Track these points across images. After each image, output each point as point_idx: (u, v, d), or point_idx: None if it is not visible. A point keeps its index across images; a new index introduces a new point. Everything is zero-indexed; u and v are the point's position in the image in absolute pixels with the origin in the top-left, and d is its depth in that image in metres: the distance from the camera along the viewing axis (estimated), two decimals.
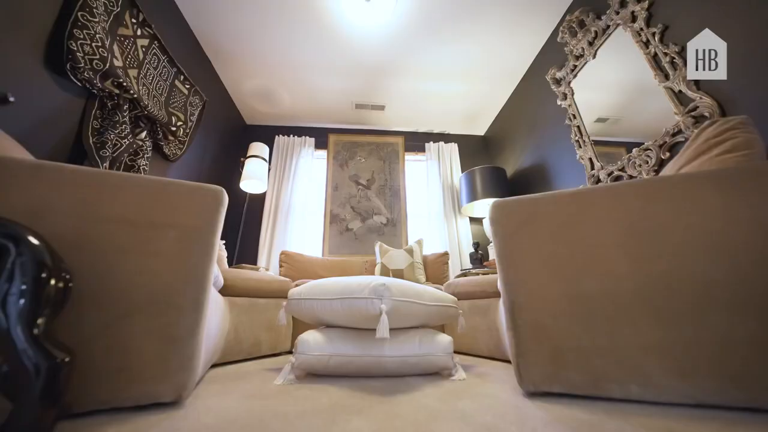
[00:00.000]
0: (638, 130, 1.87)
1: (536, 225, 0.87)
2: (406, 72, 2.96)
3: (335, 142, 3.60)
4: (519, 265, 0.86)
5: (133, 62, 1.84)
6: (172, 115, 2.19)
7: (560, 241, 0.84)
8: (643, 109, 1.82)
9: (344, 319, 1.04)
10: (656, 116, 1.71)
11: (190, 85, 2.43)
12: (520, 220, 0.89)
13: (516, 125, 3.15)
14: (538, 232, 0.87)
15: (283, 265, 2.51)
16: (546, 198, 0.89)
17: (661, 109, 1.66)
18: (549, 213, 0.87)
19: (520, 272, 0.85)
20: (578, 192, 0.87)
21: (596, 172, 2.04)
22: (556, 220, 0.86)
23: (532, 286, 0.83)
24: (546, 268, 0.83)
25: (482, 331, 1.51)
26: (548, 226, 0.86)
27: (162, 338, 0.69)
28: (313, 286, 1.18)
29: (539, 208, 0.89)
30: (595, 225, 0.82)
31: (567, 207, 0.86)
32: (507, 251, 0.88)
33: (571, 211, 0.85)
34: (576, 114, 2.23)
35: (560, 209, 0.87)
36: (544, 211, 0.88)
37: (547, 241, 0.85)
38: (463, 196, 3.12)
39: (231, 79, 3.01)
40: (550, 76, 2.46)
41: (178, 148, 2.36)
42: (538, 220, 0.87)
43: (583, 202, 0.85)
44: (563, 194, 0.88)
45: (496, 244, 0.90)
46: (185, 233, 0.78)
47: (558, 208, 0.87)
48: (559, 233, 0.85)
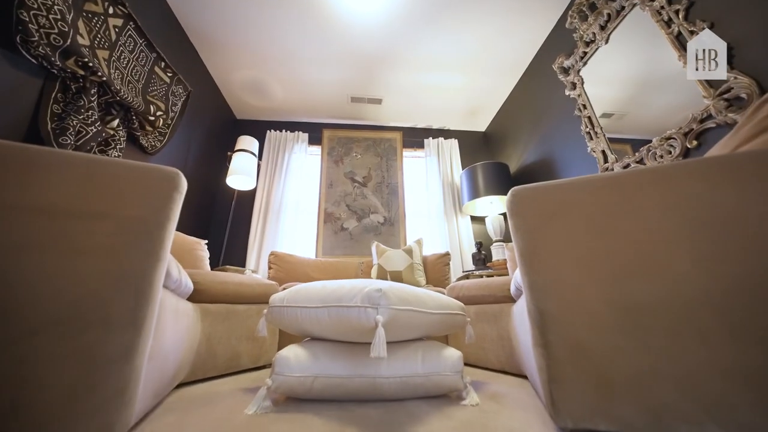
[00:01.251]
0: (643, 127, 1.76)
1: (567, 216, 0.71)
2: (404, 63, 2.81)
3: (330, 138, 3.43)
4: (548, 265, 0.69)
5: (102, 42, 1.66)
6: (150, 104, 2.01)
7: (599, 236, 0.67)
8: (652, 103, 1.70)
9: (332, 331, 0.87)
10: (665, 110, 1.61)
11: (172, 73, 2.25)
12: (548, 210, 0.73)
13: (519, 119, 3.00)
14: (571, 224, 0.70)
15: (273, 266, 2.33)
16: (578, 183, 0.73)
17: (670, 102, 1.55)
18: (583, 202, 0.71)
19: (550, 274, 0.69)
20: (618, 176, 0.71)
21: (610, 165, 1.88)
22: (591, 210, 0.70)
23: (566, 292, 0.66)
24: (582, 269, 0.67)
25: (492, 340, 1.34)
26: (582, 217, 0.70)
27: (83, 363, 0.52)
28: (296, 292, 1.00)
29: (570, 196, 0.72)
30: (642, 215, 0.66)
31: (605, 194, 0.70)
32: (532, 249, 0.71)
33: (610, 199, 0.69)
34: (586, 104, 2.08)
35: (597, 197, 0.70)
36: (576, 199, 0.71)
37: (582, 236, 0.69)
38: (464, 193, 2.96)
39: (219, 69, 2.84)
40: (557, 65, 2.32)
41: (158, 140, 2.18)
42: (570, 211, 0.71)
43: (625, 188, 0.69)
44: (599, 179, 0.72)
45: (518, 241, 0.74)
46: (123, 226, 0.60)
47: (594, 195, 0.71)
48: (596, 226, 0.68)
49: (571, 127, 2.26)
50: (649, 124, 1.72)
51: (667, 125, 1.58)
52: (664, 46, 1.55)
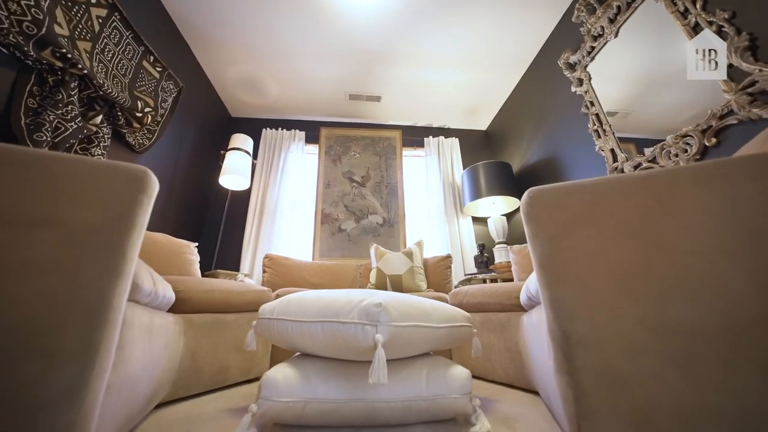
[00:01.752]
0: (648, 126, 1.71)
1: (596, 222, 0.62)
2: (403, 59, 2.71)
3: (327, 136, 3.33)
4: (573, 279, 0.60)
5: (84, 33, 1.56)
6: (137, 100, 1.91)
7: (634, 245, 0.58)
8: (659, 101, 1.64)
9: (326, 349, 0.78)
10: (673, 108, 1.56)
11: (162, 68, 2.15)
12: (572, 215, 0.64)
13: (522, 117, 2.91)
14: (600, 231, 0.61)
15: (267, 270, 2.24)
16: (607, 184, 0.64)
17: (679, 99, 1.50)
18: (614, 205, 0.62)
19: (576, 289, 0.60)
20: (655, 175, 0.62)
21: (620, 165, 1.80)
22: (624, 215, 0.61)
23: (596, 311, 0.57)
24: (615, 284, 0.58)
25: (498, 351, 1.25)
26: (614, 223, 0.61)
27: (16, 406, 0.42)
28: (287, 302, 0.91)
29: (598, 199, 0.63)
30: (686, 221, 0.57)
31: (640, 196, 0.61)
32: (553, 260, 0.62)
33: (647, 202, 0.60)
34: (594, 101, 2.00)
35: (630, 199, 0.61)
36: (605, 202, 0.63)
37: (613, 245, 0.60)
38: (466, 194, 2.87)
39: (212, 64, 2.74)
40: (563, 61, 2.23)
41: (146, 137, 2.08)
42: (599, 215, 0.62)
43: (664, 190, 0.60)
44: (632, 178, 0.63)
45: (536, 250, 0.65)
46: (76, 235, 0.51)
47: (627, 197, 0.62)
48: (630, 233, 0.59)
49: (577, 125, 2.17)
50: (656, 122, 1.66)
51: (674, 123, 1.53)
52: (678, 39, 1.47)
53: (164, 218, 2.29)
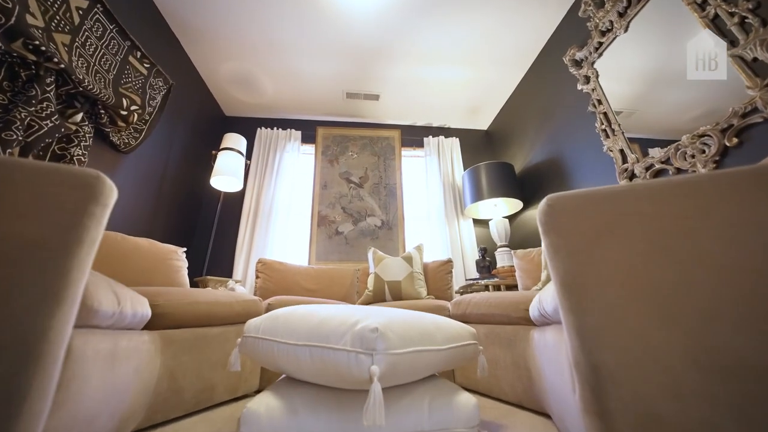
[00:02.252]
0: (653, 126, 1.65)
1: (627, 235, 0.53)
2: (402, 56, 2.62)
3: (324, 136, 3.24)
4: (602, 302, 0.51)
5: (62, 25, 1.46)
6: (123, 97, 1.81)
7: (673, 263, 0.50)
8: (664, 100, 1.59)
9: (316, 376, 0.69)
10: (679, 107, 1.51)
11: (150, 64, 2.06)
12: (599, 226, 0.55)
13: (525, 116, 2.83)
14: (632, 246, 0.52)
15: (260, 275, 2.15)
16: (640, 191, 0.55)
17: (690, 97, 1.46)
18: (649, 215, 0.53)
19: (605, 315, 0.51)
20: (695, 181, 0.53)
21: (630, 166, 1.71)
22: (661, 227, 0.52)
23: (631, 341, 0.49)
24: (651, 309, 0.49)
25: (505, 368, 1.17)
26: (648, 236, 0.52)
27: None
28: (274, 320, 0.82)
29: (629, 207, 0.54)
30: (733, 234, 0.48)
31: (678, 205, 0.52)
32: (578, 279, 0.54)
33: (686, 212, 0.51)
34: (602, 99, 1.91)
35: (668, 208, 0.52)
36: (638, 211, 0.54)
37: (648, 262, 0.51)
38: (467, 195, 2.78)
39: (204, 61, 2.64)
40: (568, 58, 2.14)
41: (133, 137, 1.98)
42: (631, 227, 0.53)
43: (707, 198, 0.51)
44: (669, 185, 0.54)
45: (558, 267, 0.56)
46: (5, 252, 0.42)
47: (664, 205, 0.53)
48: (667, 249, 0.51)
49: (583, 124, 2.09)
50: (663, 122, 1.60)
51: (678, 122, 1.49)
52: (690, 34, 1.39)
53: (153, 222, 2.20)
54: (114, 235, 1.46)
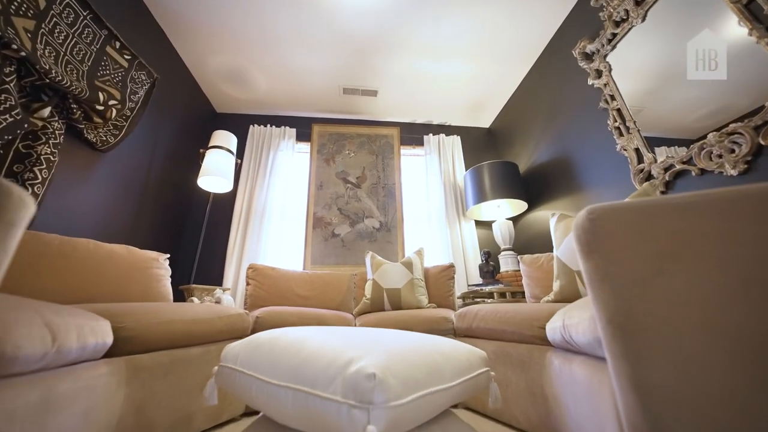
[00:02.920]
0: (658, 125, 1.58)
1: (695, 261, 0.41)
2: (401, 50, 2.49)
3: (320, 133, 3.10)
4: (670, 351, 0.39)
5: (24, 9, 1.32)
6: (99, 91, 1.67)
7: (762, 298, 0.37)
8: (672, 98, 1.52)
9: (298, 424, 0.57)
10: (687, 104, 1.44)
11: (131, 56, 1.91)
12: (660, 249, 0.42)
13: (530, 114, 2.70)
14: (703, 275, 0.40)
15: (251, 282, 2.02)
16: (710, 203, 0.42)
17: (689, 96, 1.42)
18: (719, 235, 0.41)
19: (677, 370, 0.38)
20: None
21: (646, 167, 1.60)
22: (739, 252, 0.40)
23: (717, 410, 0.36)
24: (744, 366, 0.37)
25: (517, 392, 1.05)
26: (724, 262, 0.40)
27: None
28: (255, 348, 0.70)
29: (698, 225, 0.42)
30: None
31: (756, 222, 0.40)
32: (635, 318, 0.41)
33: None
34: (615, 94, 1.79)
35: (745, 227, 0.40)
36: (708, 230, 0.41)
37: (730, 300, 0.39)
38: (469, 196, 2.66)
39: (192, 54, 2.49)
40: (578, 50, 2.02)
41: (112, 134, 1.84)
42: (699, 251, 0.41)
43: None
44: (749, 194, 0.42)
45: (604, 300, 0.44)
46: None
47: (740, 224, 0.40)
48: (752, 280, 0.38)
49: (594, 121, 1.97)
50: (669, 120, 1.54)
51: (687, 121, 1.44)
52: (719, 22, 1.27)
53: (135, 227, 2.06)
54: (85, 242, 1.32)
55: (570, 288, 1.24)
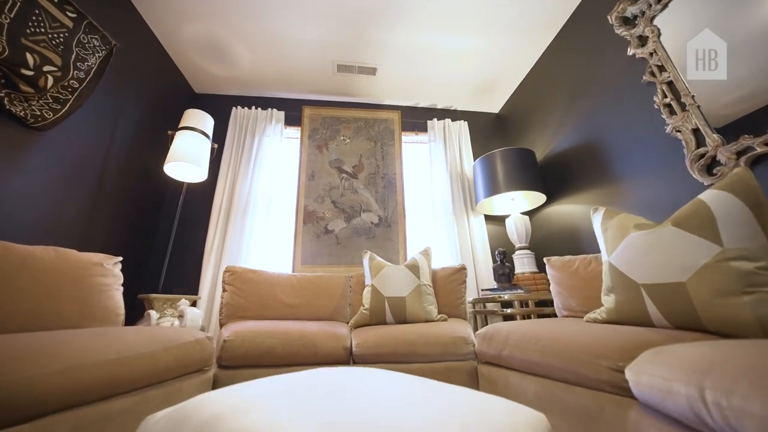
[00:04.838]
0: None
1: None
2: (404, 20, 2.15)
3: (311, 117, 2.76)
4: None
5: None
6: (27, 51, 1.33)
7: None
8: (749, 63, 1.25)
9: None
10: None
11: (77, 15, 1.56)
12: None
13: (548, 95, 2.39)
14: None
15: (228, 287, 1.71)
16: None
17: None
18: None
19: None
20: None
21: (710, 151, 1.29)
22: None
23: None
24: None
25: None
26: None
27: None
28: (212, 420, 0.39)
29: None
30: None
31: None
32: None
33: None
34: (666, 64, 1.48)
35: None
36: None
37: None
38: (479, 188, 2.36)
39: (160, 20, 2.13)
40: (615, 15, 1.70)
41: (51, 108, 1.49)
42: None
43: None
44: None
45: None
46: None
47: None
48: None
49: (634, 99, 1.66)
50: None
51: (718, 106, 1.27)
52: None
53: (89, 224, 1.72)
54: None
55: (632, 306, 0.94)
